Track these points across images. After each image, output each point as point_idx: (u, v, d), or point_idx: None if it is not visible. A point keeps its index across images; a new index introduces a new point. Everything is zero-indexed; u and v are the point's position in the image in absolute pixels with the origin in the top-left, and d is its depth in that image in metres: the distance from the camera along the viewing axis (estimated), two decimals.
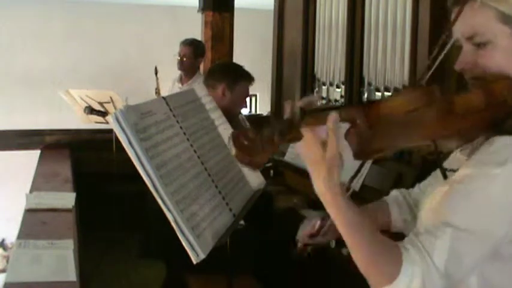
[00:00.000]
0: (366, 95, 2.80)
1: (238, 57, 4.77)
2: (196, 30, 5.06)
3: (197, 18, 5.10)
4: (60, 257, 1.83)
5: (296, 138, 0.94)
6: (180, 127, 1.46)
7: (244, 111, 3.89)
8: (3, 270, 5.89)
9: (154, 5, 7.93)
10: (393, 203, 1.38)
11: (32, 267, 1.75)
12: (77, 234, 2.14)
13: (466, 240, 0.97)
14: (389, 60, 2.63)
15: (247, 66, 2.93)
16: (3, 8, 7.33)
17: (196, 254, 1.23)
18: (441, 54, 1.09)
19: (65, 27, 7.69)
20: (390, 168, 2.38)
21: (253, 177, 1.70)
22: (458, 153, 1.15)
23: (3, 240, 6.51)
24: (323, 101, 3.15)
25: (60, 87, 4.16)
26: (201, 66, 4.72)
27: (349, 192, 1.20)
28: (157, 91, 5.15)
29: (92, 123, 3.92)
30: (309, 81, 3.32)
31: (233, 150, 0.91)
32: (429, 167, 1.28)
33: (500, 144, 1.00)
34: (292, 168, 2.99)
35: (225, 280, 1.78)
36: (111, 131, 3.17)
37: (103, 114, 3.71)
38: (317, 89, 3.24)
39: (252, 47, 7.26)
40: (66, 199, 2.54)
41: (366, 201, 1.42)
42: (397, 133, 0.99)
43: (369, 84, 2.78)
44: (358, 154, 0.99)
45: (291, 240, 1.40)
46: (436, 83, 1.02)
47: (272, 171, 3.18)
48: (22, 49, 7.55)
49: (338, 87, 3.03)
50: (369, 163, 2.36)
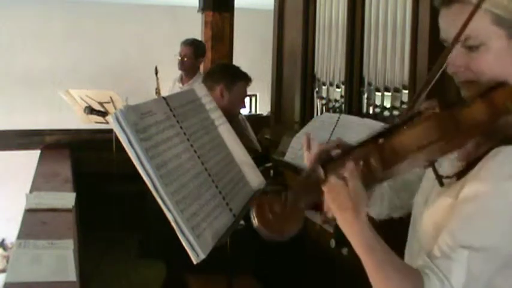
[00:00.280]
0: (366, 95, 2.80)
1: (238, 57, 4.78)
2: (196, 30, 5.06)
3: (197, 18, 5.11)
4: (60, 257, 1.83)
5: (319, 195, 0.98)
6: (180, 127, 1.46)
7: (245, 112, 3.89)
8: (3, 270, 5.89)
9: (154, 5, 7.93)
10: (376, 198, 1.35)
11: (32, 267, 1.75)
12: (77, 234, 2.14)
13: (482, 259, 0.97)
14: (389, 60, 2.63)
15: (247, 66, 2.94)
16: (3, 8, 7.33)
17: (196, 254, 1.22)
18: (440, 70, 1.07)
19: (65, 27, 7.69)
20: None
21: (253, 177, 1.70)
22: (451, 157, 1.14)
23: (3, 240, 6.51)
24: (323, 101, 3.15)
25: (60, 87, 4.16)
26: (201, 67, 4.73)
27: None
28: (157, 91, 5.15)
29: (92, 123, 3.92)
30: (309, 81, 3.32)
31: (256, 223, 0.91)
32: None
33: (506, 155, 0.99)
34: (292, 168, 2.99)
35: (225, 280, 1.78)
36: (111, 131, 3.17)
37: (103, 114, 3.71)
38: (317, 89, 3.24)
39: (252, 47, 7.27)
40: (66, 199, 2.54)
41: None
42: (406, 164, 1.02)
43: (369, 84, 2.78)
44: (367, 187, 1.03)
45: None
46: (437, 93, 1.02)
47: (272, 171, 3.18)
48: (22, 49, 7.55)
49: (338, 87, 3.03)
50: None
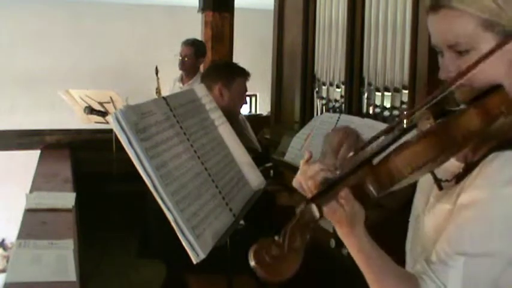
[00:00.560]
0: (366, 95, 2.80)
1: (238, 57, 4.77)
2: (196, 30, 5.06)
3: (197, 18, 5.10)
4: (60, 257, 1.83)
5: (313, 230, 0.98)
6: (180, 127, 1.46)
7: (245, 112, 3.89)
8: (3, 270, 5.89)
9: (154, 5, 7.93)
10: None
11: (32, 267, 1.75)
12: (77, 234, 2.14)
13: (479, 265, 0.98)
14: (389, 60, 2.63)
15: (247, 66, 2.93)
16: (3, 8, 7.34)
17: (196, 254, 1.23)
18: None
19: (65, 27, 7.70)
20: None
21: (253, 177, 1.70)
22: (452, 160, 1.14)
23: (3, 240, 6.51)
24: (323, 101, 3.15)
25: (60, 87, 4.15)
26: (202, 67, 4.73)
27: None
28: (158, 91, 5.16)
29: (92, 123, 3.92)
30: (309, 81, 3.32)
31: (254, 266, 0.91)
32: None
33: (502, 161, 0.99)
34: (292, 168, 2.99)
35: (225, 280, 1.78)
36: (111, 131, 3.18)
37: (103, 114, 3.71)
38: (317, 89, 3.24)
39: (252, 47, 7.27)
40: (66, 199, 2.54)
41: None
42: (403, 183, 1.01)
43: (369, 84, 2.78)
44: (365, 207, 1.03)
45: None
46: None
47: (272, 171, 3.18)
48: (22, 49, 7.55)
49: (338, 87, 3.02)
50: None
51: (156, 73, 5.14)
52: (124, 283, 3.39)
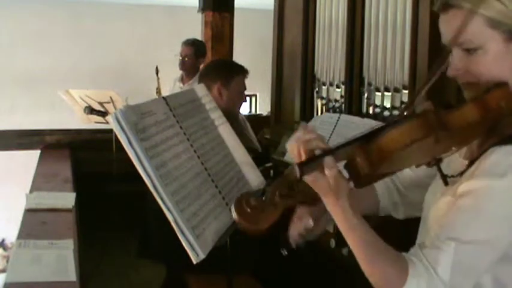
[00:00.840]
0: (366, 95, 2.80)
1: (238, 57, 4.77)
2: (196, 30, 5.06)
3: (197, 18, 5.11)
4: (60, 257, 1.83)
5: (297, 197, 1.03)
6: (180, 127, 1.46)
7: (245, 112, 3.89)
8: (3, 270, 5.89)
9: (154, 5, 7.93)
10: (383, 189, 1.40)
11: (32, 267, 1.75)
12: (77, 234, 2.14)
13: (470, 252, 1.00)
14: (389, 60, 2.63)
15: (247, 66, 2.93)
16: (3, 8, 7.34)
17: (196, 254, 1.22)
18: (439, 70, 1.09)
19: (65, 27, 7.70)
20: None
21: (253, 177, 1.70)
22: (457, 156, 1.16)
23: (3, 240, 6.52)
24: (323, 101, 3.15)
25: (60, 87, 4.15)
26: (202, 67, 4.73)
27: None
28: (158, 91, 5.16)
29: (92, 123, 3.92)
30: (309, 81, 3.32)
31: (235, 216, 0.98)
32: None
33: (500, 154, 1.02)
34: None
35: (225, 280, 1.78)
36: (111, 131, 3.17)
37: (103, 114, 3.71)
38: (317, 89, 3.24)
39: (252, 47, 7.27)
40: (66, 199, 2.53)
41: None
42: (397, 162, 1.03)
43: (369, 84, 2.78)
44: (359, 184, 1.05)
45: (281, 236, 1.40)
46: (436, 93, 1.03)
47: (272, 171, 3.17)
48: (22, 49, 7.55)
49: (338, 87, 3.03)
50: None
51: (156, 73, 5.14)
52: (124, 283, 3.39)
